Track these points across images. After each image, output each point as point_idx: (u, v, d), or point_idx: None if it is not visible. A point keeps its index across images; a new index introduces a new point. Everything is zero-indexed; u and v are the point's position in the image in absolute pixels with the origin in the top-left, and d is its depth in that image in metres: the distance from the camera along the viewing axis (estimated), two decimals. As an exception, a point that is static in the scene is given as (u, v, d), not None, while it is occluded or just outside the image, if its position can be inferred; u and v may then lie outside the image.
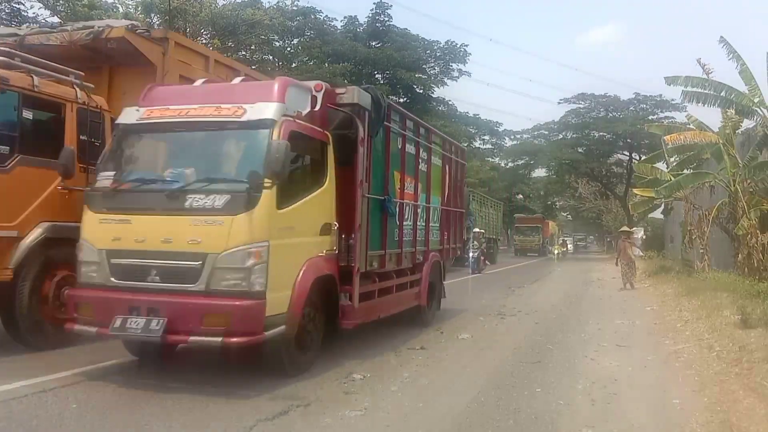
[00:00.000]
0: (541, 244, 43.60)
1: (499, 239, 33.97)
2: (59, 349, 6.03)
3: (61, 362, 5.51)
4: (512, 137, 44.17)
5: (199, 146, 5.63)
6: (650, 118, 36.19)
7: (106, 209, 5.19)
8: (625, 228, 19.86)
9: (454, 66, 32.87)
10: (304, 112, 5.65)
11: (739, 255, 13.54)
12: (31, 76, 5.97)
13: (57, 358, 5.75)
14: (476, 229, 20.73)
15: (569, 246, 53.50)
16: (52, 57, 6.67)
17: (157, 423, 4.08)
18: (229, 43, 22.75)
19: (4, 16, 17.66)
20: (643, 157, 26.44)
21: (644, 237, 37.67)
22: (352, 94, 6.33)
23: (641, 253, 23.94)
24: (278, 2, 25.18)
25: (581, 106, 40.21)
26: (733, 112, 14.94)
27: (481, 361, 6.43)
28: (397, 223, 7.46)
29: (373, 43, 31.36)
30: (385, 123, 6.97)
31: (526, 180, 50.05)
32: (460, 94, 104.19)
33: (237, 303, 4.72)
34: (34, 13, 18.87)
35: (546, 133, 42.74)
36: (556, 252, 36.11)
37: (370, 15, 31.36)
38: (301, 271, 5.30)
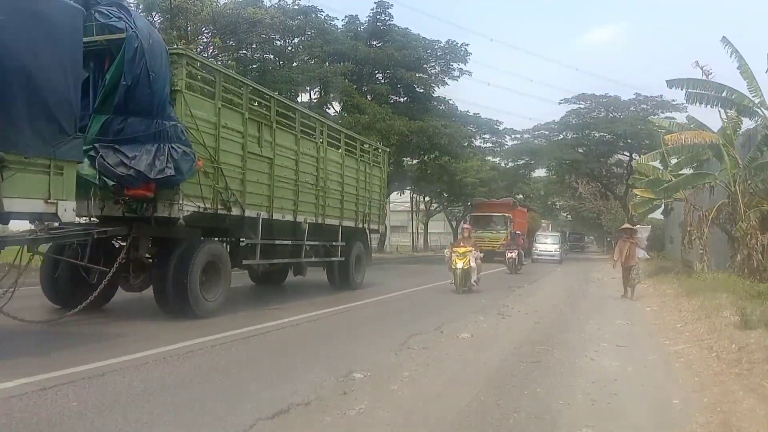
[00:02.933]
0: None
1: (370, 229, 14.85)
2: (61, 348, 6.04)
3: (61, 360, 5.52)
4: (513, 137, 44.19)
5: None
6: (650, 118, 36.25)
7: None
8: (626, 225, 15.47)
9: (455, 65, 32.88)
10: None
11: (738, 255, 13.55)
12: None
13: (58, 356, 5.77)
14: None
15: (551, 248, 32.58)
16: None
17: (157, 421, 4.08)
18: (230, 42, 22.74)
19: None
20: (641, 158, 26.20)
21: (649, 236, 30.44)
22: None
23: (647, 255, 21.12)
24: (279, 1, 25.17)
25: (582, 106, 40.25)
26: (734, 112, 14.97)
27: (481, 361, 6.43)
28: None
29: (374, 43, 31.34)
30: None
31: (526, 180, 50.01)
32: (461, 93, 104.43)
33: None
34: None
35: (546, 133, 42.76)
36: (458, 267, 13.43)
37: (371, 14, 31.35)
38: None
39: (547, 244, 33.08)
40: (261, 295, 11.76)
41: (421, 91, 32.28)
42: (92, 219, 8.18)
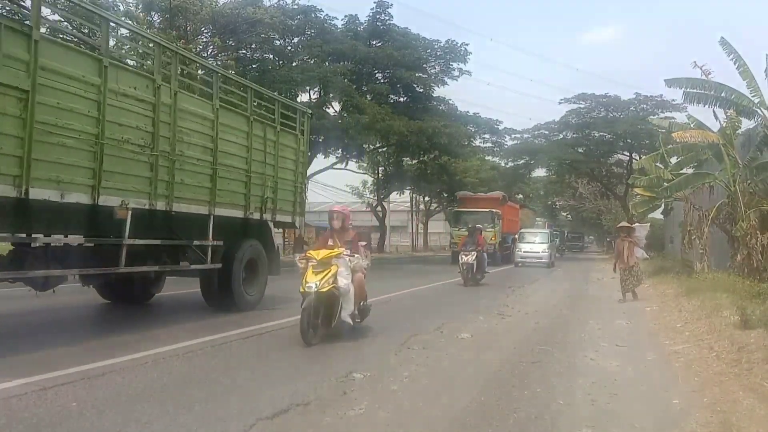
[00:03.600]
0: (498, 243, 26.44)
1: (276, 222, 10.40)
2: (58, 347, 6.04)
3: (61, 360, 5.51)
4: (512, 136, 44.19)
5: None
6: (650, 118, 36.30)
7: None
8: (624, 223, 14.89)
9: (455, 65, 32.86)
10: None
11: (738, 255, 13.55)
12: None
13: (57, 356, 5.76)
14: None
15: (538, 249, 27.31)
16: None
17: (157, 421, 4.08)
18: (230, 42, 22.75)
19: (5, 13, 17.52)
20: (644, 158, 26.01)
21: (648, 234, 29.94)
22: None
23: (646, 255, 20.53)
24: (279, 1, 25.19)
25: (582, 106, 40.26)
26: (734, 112, 14.98)
27: (481, 361, 6.43)
28: None
29: (374, 42, 31.31)
30: None
31: (526, 180, 50.01)
32: (461, 93, 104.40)
33: None
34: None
35: (546, 132, 42.77)
36: (311, 289, 6.63)
37: (371, 14, 31.32)
38: None
39: (534, 243, 27.60)
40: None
41: (421, 90, 32.27)
42: None
